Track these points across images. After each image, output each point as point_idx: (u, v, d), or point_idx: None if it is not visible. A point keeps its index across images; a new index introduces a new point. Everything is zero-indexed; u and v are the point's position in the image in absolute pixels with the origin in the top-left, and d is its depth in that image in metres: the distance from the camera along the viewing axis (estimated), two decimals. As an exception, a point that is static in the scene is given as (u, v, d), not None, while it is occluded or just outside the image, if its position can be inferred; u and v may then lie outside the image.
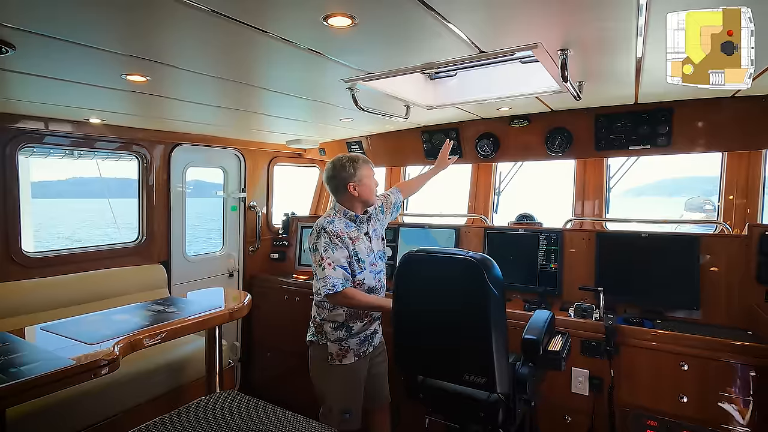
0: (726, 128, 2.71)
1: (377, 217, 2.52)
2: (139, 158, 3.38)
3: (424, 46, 1.63)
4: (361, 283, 2.29)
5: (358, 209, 2.35)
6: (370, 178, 2.34)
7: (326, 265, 2.15)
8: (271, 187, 4.43)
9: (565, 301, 2.91)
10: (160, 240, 3.52)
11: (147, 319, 2.33)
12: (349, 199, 2.31)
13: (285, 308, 3.79)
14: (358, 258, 2.27)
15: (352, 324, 2.30)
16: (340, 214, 2.32)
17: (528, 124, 3.29)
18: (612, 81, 2.24)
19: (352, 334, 2.30)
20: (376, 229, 2.47)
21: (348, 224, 2.31)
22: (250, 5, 1.26)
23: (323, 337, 2.32)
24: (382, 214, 2.58)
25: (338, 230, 2.22)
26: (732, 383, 2.16)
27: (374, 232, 2.44)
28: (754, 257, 2.45)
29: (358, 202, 2.32)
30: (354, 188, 2.28)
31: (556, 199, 4.29)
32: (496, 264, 1.80)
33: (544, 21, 1.40)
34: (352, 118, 3.15)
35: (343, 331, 2.29)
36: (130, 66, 1.79)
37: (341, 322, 2.29)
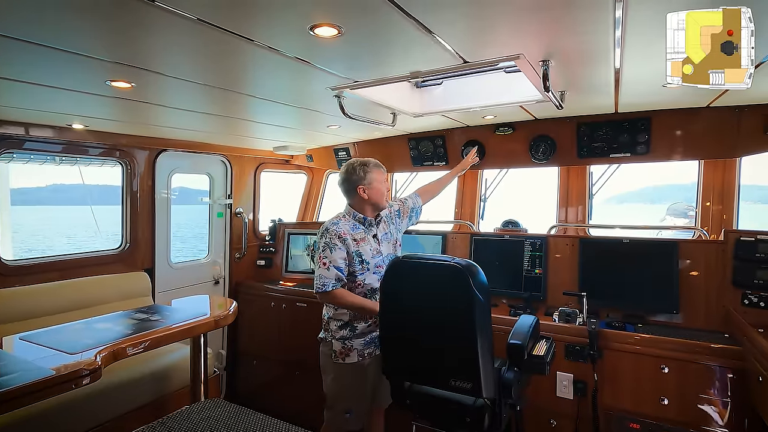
0: (702, 137, 2.80)
1: (392, 221, 2.53)
2: (123, 164, 3.34)
3: (410, 55, 1.66)
4: (362, 283, 2.31)
5: (368, 212, 2.38)
6: (381, 182, 2.36)
7: (321, 264, 2.24)
8: (258, 193, 4.41)
9: (549, 306, 2.95)
10: (144, 247, 3.47)
11: (130, 328, 2.29)
12: (360, 201, 2.35)
13: (272, 315, 3.76)
14: (361, 259, 2.30)
15: (356, 324, 2.31)
16: (349, 216, 2.37)
17: (513, 131, 3.35)
18: (592, 91, 2.30)
19: (356, 333, 2.31)
20: (388, 232, 2.48)
21: (355, 226, 2.35)
22: (237, 14, 1.27)
23: (329, 334, 2.37)
24: (399, 218, 2.59)
25: (341, 231, 2.27)
26: (711, 385, 2.22)
27: (384, 236, 2.44)
28: (730, 262, 2.53)
29: (368, 205, 2.36)
30: (364, 191, 2.32)
31: (540, 205, 4.36)
32: (482, 270, 1.83)
33: (525, 33, 1.44)
34: (340, 125, 3.17)
35: (347, 330, 2.32)
36: (115, 72, 1.78)
37: (345, 321, 2.33)
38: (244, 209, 4.23)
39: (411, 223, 2.70)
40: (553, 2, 1.21)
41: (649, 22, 1.33)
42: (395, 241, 2.52)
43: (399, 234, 2.58)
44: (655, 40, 1.46)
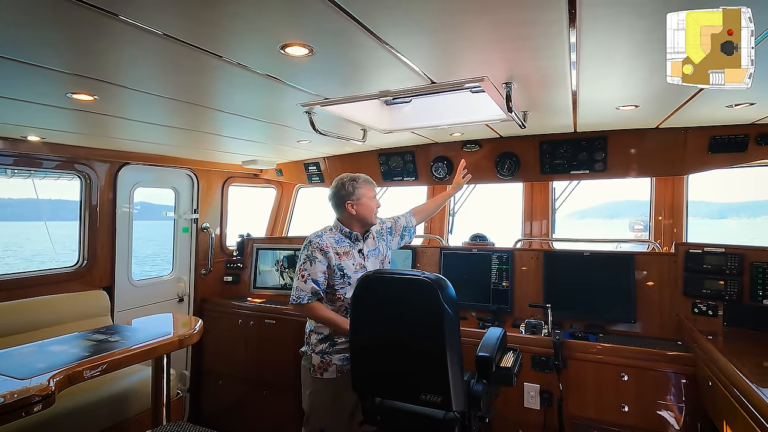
0: (653, 156, 2.99)
1: (382, 238, 2.53)
2: (82, 178, 3.21)
3: (380, 75, 1.70)
4: (342, 298, 2.30)
5: (355, 227, 2.39)
6: (370, 198, 2.37)
7: (300, 276, 2.27)
8: (226, 208, 4.33)
9: (516, 317, 3.03)
10: (103, 264, 3.32)
11: (87, 350, 2.17)
12: (348, 217, 2.36)
13: (239, 333, 3.66)
14: (342, 273, 2.29)
15: (337, 338, 2.29)
16: (336, 229, 2.39)
17: (479, 148, 3.46)
18: (553, 111, 2.42)
19: (336, 348, 2.29)
20: (376, 248, 2.47)
21: (341, 240, 2.36)
22: (206, 32, 1.27)
23: (310, 348, 2.35)
24: (390, 235, 2.60)
25: (324, 244, 2.28)
26: (667, 391, 2.33)
27: (371, 252, 2.43)
28: (680, 273, 2.69)
29: (356, 220, 2.37)
30: (352, 206, 2.34)
31: (506, 219, 4.49)
32: (451, 283, 1.86)
33: (488, 58, 1.52)
34: (310, 140, 3.17)
35: (327, 344, 2.30)
36: (76, 85, 1.73)
37: (326, 335, 2.31)
38: (211, 224, 4.13)
39: (403, 242, 2.69)
40: (513, 32, 1.29)
41: (599, 50, 1.43)
42: (384, 258, 2.51)
43: (389, 251, 2.57)
44: (605, 63, 1.58)
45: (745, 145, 2.72)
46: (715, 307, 2.55)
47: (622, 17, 1.18)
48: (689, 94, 2.01)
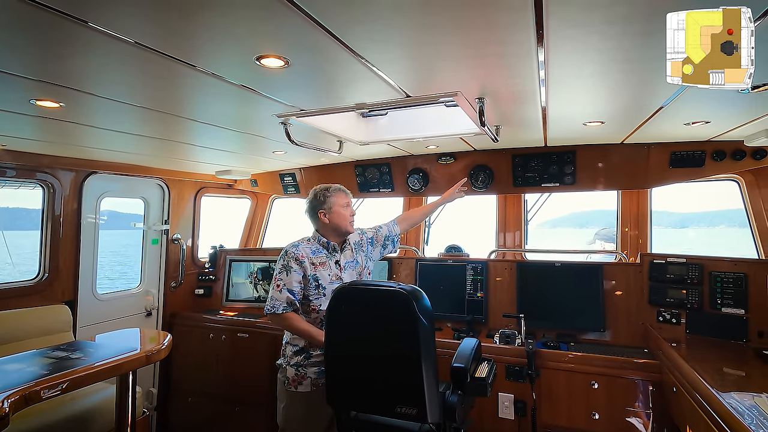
0: (618, 170, 3.12)
1: (361, 249, 2.50)
2: (45, 187, 3.08)
3: (355, 88, 1.72)
4: (317, 308, 2.27)
5: (331, 237, 2.38)
6: (342, 206, 2.36)
7: (275, 286, 2.27)
8: (198, 218, 4.23)
9: (491, 328, 3.06)
10: (66, 277, 3.18)
11: (45, 368, 2.06)
12: (323, 226, 2.38)
13: (210, 347, 3.56)
14: (317, 283, 2.28)
15: (312, 351, 2.26)
16: (314, 240, 2.39)
17: (454, 161, 3.52)
18: (524, 126, 2.50)
19: (311, 361, 2.26)
20: (354, 260, 2.44)
21: (318, 250, 2.35)
22: (180, 42, 1.25)
23: (285, 360, 2.32)
24: (371, 246, 2.56)
25: (299, 254, 2.28)
26: (635, 398, 2.40)
27: (349, 263, 2.40)
28: (646, 282, 2.80)
29: (330, 229, 2.37)
30: (324, 215, 2.35)
31: (481, 230, 4.57)
32: (427, 294, 1.87)
33: (461, 74, 1.56)
34: (286, 151, 3.16)
35: (302, 357, 2.27)
36: (41, 91, 1.67)
37: (301, 347, 2.28)
38: (183, 235, 4.02)
39: (386, 251, 2.65)
40: (485, 50, 1.33)
41: (566, 68, 1.50)
42: (363, 269, 2.48)
43: (369, 262, 2.54)
44: (572, 81, 1.65)
45: (702, 160, 2.88)
46: (678, 315, 2.66)
47: (587, 38, 1.23)
48: (650, 112, 2.12)
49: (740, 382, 1.93)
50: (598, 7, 1.05)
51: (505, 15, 1.09)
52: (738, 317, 2.49)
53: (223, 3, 1.03)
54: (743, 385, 1.87)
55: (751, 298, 2.49)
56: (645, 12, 1.07)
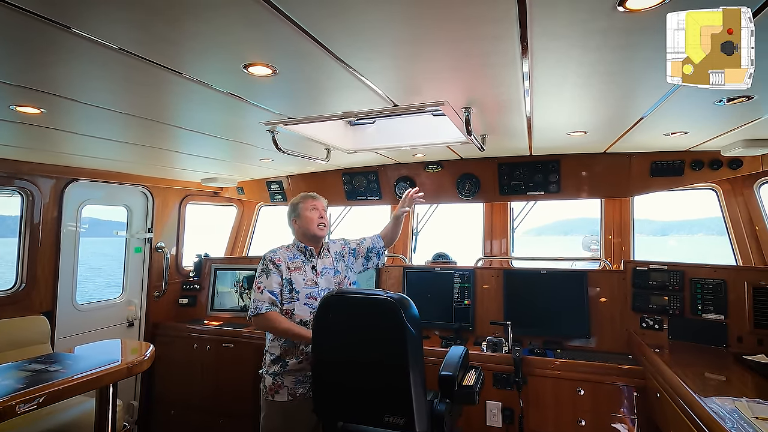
0: (601, 179, 3.18)
1: (342, 259, 2.49)
2: (23, 194, 3.00)
3: (343, 97, 1.72)
4: (289, 312, 2.25)
5: (306, 242, 2.40)
6: (309, 210, 2.38)
7: (256, 288, 2.28)
8: (183, 226, 4.16)
9: (478, 335, 3.07)
10: (44, 286, 3.09)
11: (21, 381, 1.99)
12: (296, 232, 2.44)
13: (194, 358, 3.49)
14: (291, 287, 2.27)
15: (288, 359, 2.24)
16: (293, 246, 2.42)
17: (441, 169, 3.55)
18: (509, 135, 2.54)
19: (287, 370, 2.23)
20: (333, 268, 2.42)
21: (295, 255, 2.37)
22: (165, 48, 1.24)
23: (264, 368, 2.31)
24: (353, 257, 2.54)
25: (276, 258, 2.32)
26: (620, 404, 2.42)
27: (326, 269, 2.39)
28: (629, 289, 2.84)
29: (301, 234, 2.41)
30: (295, 222, 2.42)
31: (468, 238, 4.60)
32: (414, 302, 1.87)
33: (448, 84, 1.58)
34: (273, 159, 3.14)
35: (278, 366, 2.25)
36: (21, 97, 1.63)
37: (277, 355, 2.26)
38: (167, 243, 3.95)
39: (370, 263, 2.61)
40: (471, 61, 1.35)
41: (550, 79, 1.53)
42: (343, 279, 2.45)
43: (351, 273, 2.51)
44: (556, 92, 1.68)
45: (681, 169, 2.96)
46: (661, 321, 2.70)
47: (569, 50, 1.26)
48: (631, 122, 2.17)
49: (721, 386, 1.97)
50: (578, 21, 1.08)
51: (490, 27, 1.11)
52: (718, 323, 2.55)
53: (210, 11, 1.03)
54: (724, 389, 1.90)
55: (730, 304, 2.55)
56: (622, 27, 1.10)
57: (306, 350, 2.26)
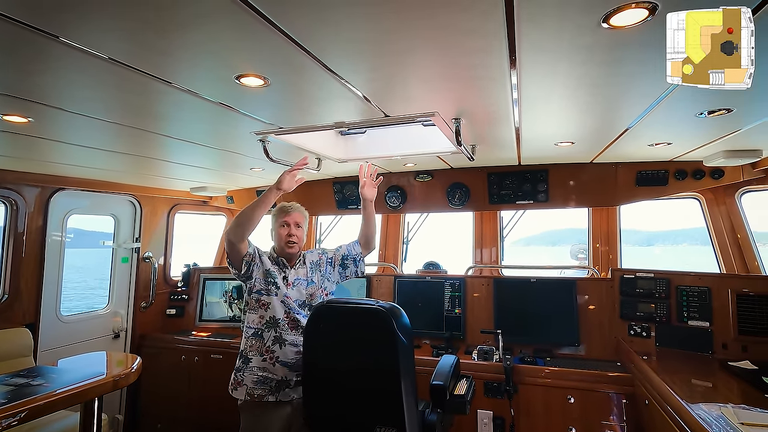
0: (588, 188, 3.24)
1: (318, 269, 2.39)
2: (7, 203, 2.95)
3: (334, 106, 1.74)
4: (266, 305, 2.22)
5: (280, 252, 2.34)
6: (279, 227, 2.33)
7: None
8: (171, 236, 4.12)
9: (469, 344, 3.07)
10: (28, 298, 3.02)
11: (3, 396, 1.94)
12: (274, 243, 2.40)
13: (182, 370, 3.43)
14: (274, 281, 2.25)
15: (251, 356, 2.20)
16: (271, 255, 2.36)
17: (431, 179, 3.58)
18: (499, 145, 2.57)
19: (249, 366, 2.19)
20: (306, 279, 2.33)
21: (271, 263, 2.33)
22: (155, 59, 1.24)
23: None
24: (330, 266, 2.43)
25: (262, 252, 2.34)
26: (610, 411, 2.44)
27: (299, 280, 2.31)
28: (617, 297, 2.88)
29: (279, 249, 2.35)
30: (272, 238, 2.40)
31: (458, 247, 4.62)
32: (405, 311, 1.87)
33: (438, 95, 1.60)
34: (263, 168, 3.13)
35: (240, 361, 2.24)
36: (8, 106, 1.61)
37: (241, 350, 2.26)
38: (154, 253, 3.90)
39: (348, 272, 2.46)
40: (460, 73, 1.38)
41: (538, 91, 1.56)
42: (318, 289, 2.35)
43: (327, 282, 2.40)
44: (544, 103, 1.72)
45: (665, 179, 3.03)
46: (648, 329, 2.74)
47: (556, 64, 1.30)
48: (617, 133, 2.22)
49: (707, 393, 1.99)
50: (565, 36, 1.11)
51: (479, 41, 1.14)
52: (703, 330, 2.59)
53: (201, 22, 1.03)
54: (710, 396, 1.93)
55: (715, 311, 2.59)
56: (606, 43, 1.14)
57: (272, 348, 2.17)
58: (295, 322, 2.21)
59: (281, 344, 2.17)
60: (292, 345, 2.17)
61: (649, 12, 0.97)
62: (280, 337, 2.17)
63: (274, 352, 2.17)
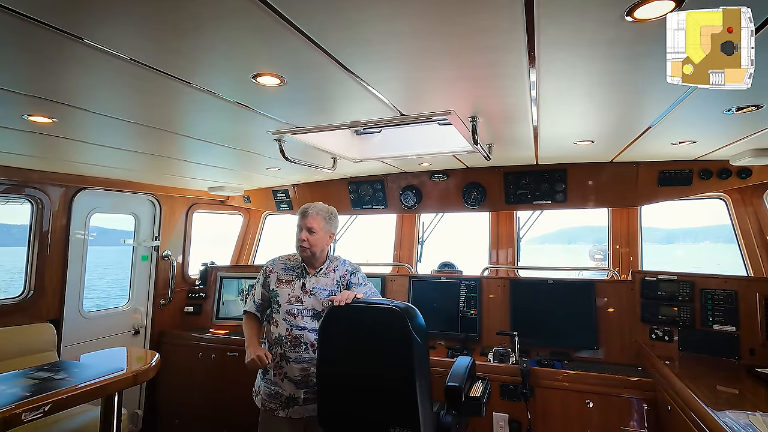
0: (608, 188, 3.16)
1: (342, 284, 2.31)
2: (33, 202, 3.03)
3: (350, 106, 1.73)
4: (276, 322, 2.24)
5: (303, 259, 2.31)
6: (297, 228, 2.30)
7: (252, 292, 2.42)
8: (189, 235, 4.18)
9: (484, 346, 3.04)
10: (52, 294, 3.10)
11: (27, 389, 1.99)
12: None
13: (199, 367, 3.48)
14: (276, 300, 2.27)
15: (269, 367, 2.24)
16: (294, 258, 2.37)
17: (447, 178, 3.55)
18: (516, 144, 2.53)
19: (265, 378, 2.27)
20: (327, 290, 2.27)
21: (291, 268, 2.33)
22: (175, 59, 1.26)
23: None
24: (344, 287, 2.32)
25: (271, 267, 2.37)
26: (630, 417, 2.37)
27: (318, 289, 2.26)
28: (638, 300, 2.81)
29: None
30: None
31: (474, 247, 4.58)
32: (420, 312, 1.86)
33: (455, 94, 1.58)
34: (279, 168, 3.16)
35: (260, 371, 2.31)
36: (34, 107, 1.66)
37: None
38: (173, 252, 3.97)
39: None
40: (478, 72, 1.36)
41: (557, 89, 1.53)
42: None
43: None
44: (563, 101, 1.68)
45: (690, 179, 2.94)
46: (671, 333, 2.66)
47: (575, 61, 1.27)
48: (638, 132, 2.16)
49: (734, 400, 1.92)
50: (586, 31, 1.08)
51: (498, 38, 1.12)
52: (729, 334, 2.50)
53: (220, 23, 1.04)
54: (737, 403, 1.86)
55: (742, 315, 2.50)
56: (629, 37, 1.10)
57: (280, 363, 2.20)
58: (296, 340, 2.19)
59: (287, 361, 2.19)
60: (296, 362, 2.18)
61: (676, 4, 0.94)
62: (284, 354, 2.20)
63: (282, 368, 2.21)
